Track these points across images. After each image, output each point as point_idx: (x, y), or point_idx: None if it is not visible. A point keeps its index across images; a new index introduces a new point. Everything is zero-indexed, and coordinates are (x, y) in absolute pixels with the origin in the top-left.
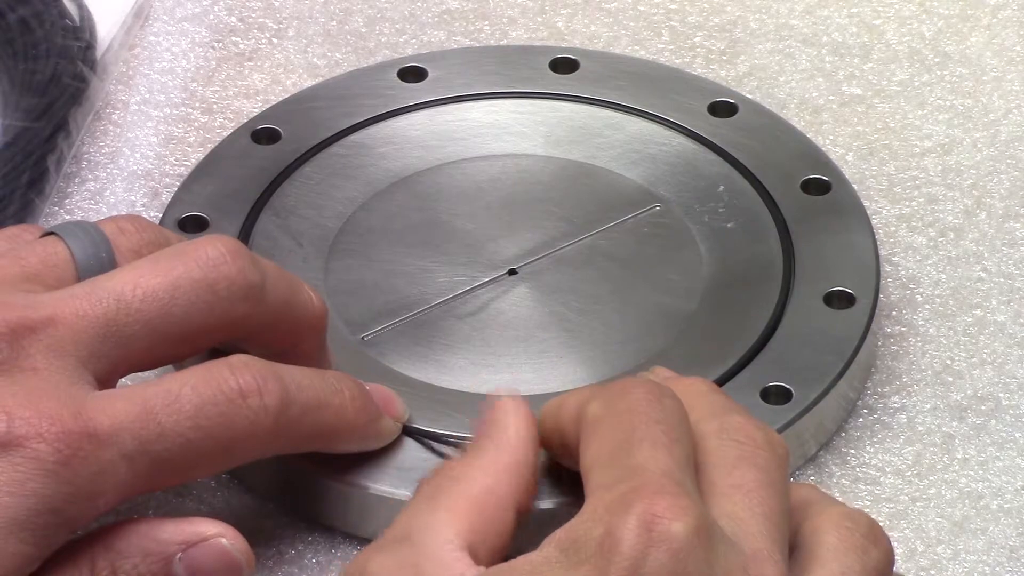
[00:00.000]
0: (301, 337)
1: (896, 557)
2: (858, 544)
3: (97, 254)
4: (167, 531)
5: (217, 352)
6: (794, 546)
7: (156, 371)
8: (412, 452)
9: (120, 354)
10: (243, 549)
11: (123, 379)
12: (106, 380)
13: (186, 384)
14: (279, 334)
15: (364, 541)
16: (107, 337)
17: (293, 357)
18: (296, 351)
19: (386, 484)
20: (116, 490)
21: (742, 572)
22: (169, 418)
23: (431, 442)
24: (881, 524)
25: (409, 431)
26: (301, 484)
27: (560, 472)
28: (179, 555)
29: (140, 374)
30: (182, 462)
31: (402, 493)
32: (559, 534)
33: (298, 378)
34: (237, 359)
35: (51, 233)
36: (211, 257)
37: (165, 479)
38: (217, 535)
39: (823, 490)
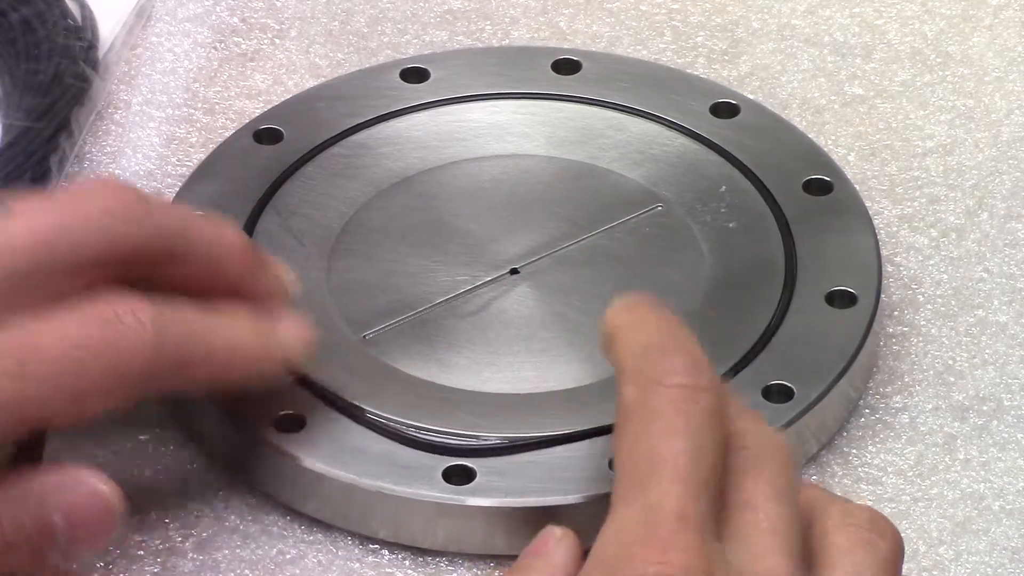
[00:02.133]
0: (215, 269)
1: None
2: (865, 539)
3: None
4: (40, 478)
5: None
6: (805, 551)
7: None
8: (413, 452)
9: (10, 290)
10: (116, 492)
11: None
12: (4, 318)
13: (63, 309)
14: (187, 265)
15: (365, 540)
16: None
17: (223, 291)
18: (220, 283)
19: (387, 483)
20: (3, 409)
21: None
22: (50, 338)
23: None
24: None
25: (365, 414)
26: (301, 483)
27: None
28: (55, 500)
29: None
30: (70, 384)
31: (402, 491)
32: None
33: (174, 302)
34: (109, 290)
35: None
36: (86, 190)
37: (56, 404)
38: (89, 477)
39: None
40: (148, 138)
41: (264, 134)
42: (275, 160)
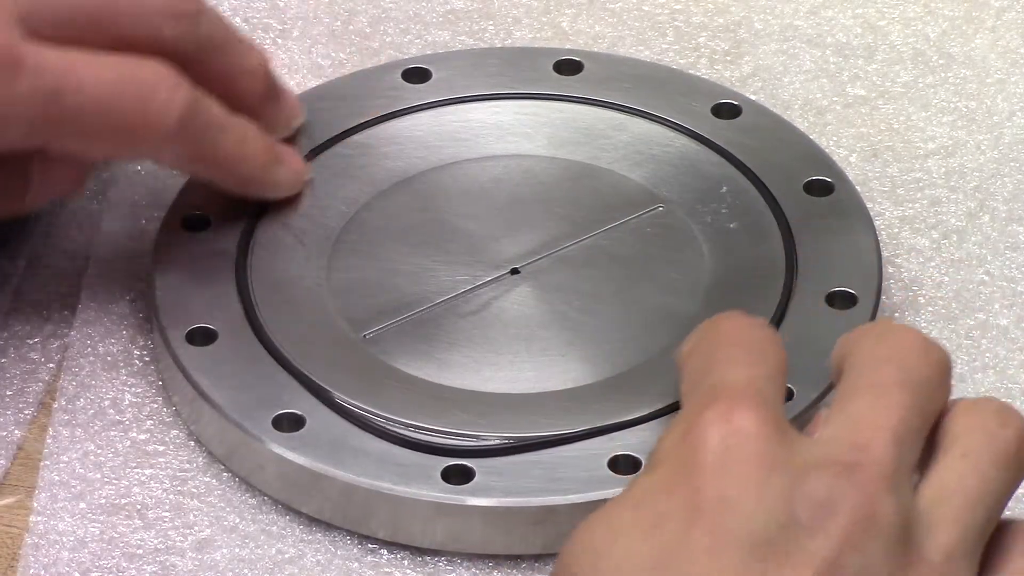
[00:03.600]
0: (235, 85)
1: None
2: (985, 426)
3: None
4: None
5: None
6: (935, 441)
7: None
8: (412, 451)
9: (53, 21)
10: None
11: None
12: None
13: (111, 58)
14: (212, 73)
15: (364, 540)
16: (43, 8)
17: (235, 106)
18: (234, 98)
19: (386, 482)
20: (21, 127)
21: (827, 463)
22: (90, 76)
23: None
24: None
25: (338, 407)
26: (300, 483)
27: None
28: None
29: None
30: (89, 125)
31: (401, 491)
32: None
33: (209, 100)
34: (157, 60)
35: None
36: None
37: (71, 137)
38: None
39: None
40: None
41: None
42: None
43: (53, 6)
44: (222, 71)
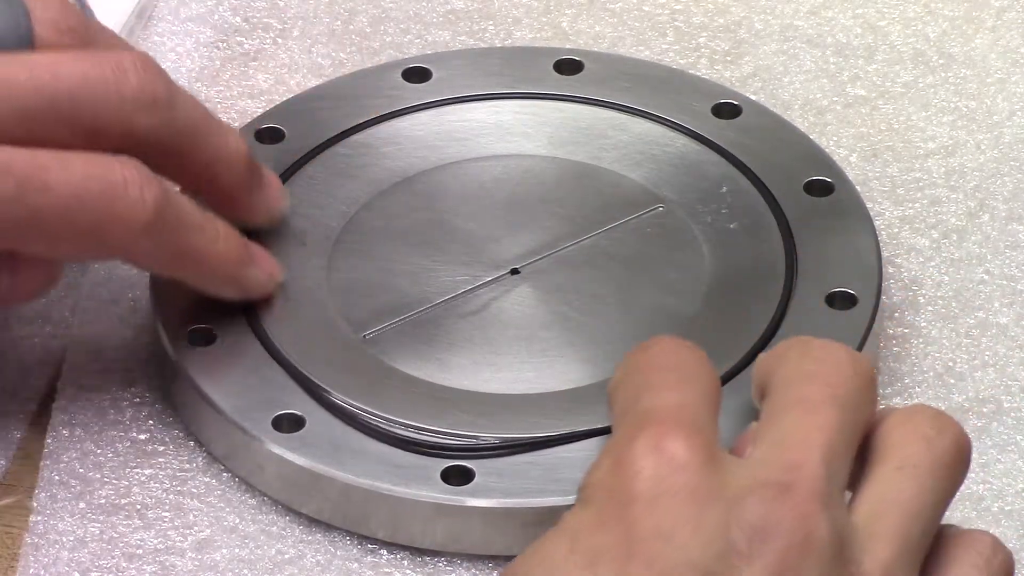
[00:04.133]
0: (216, 173)
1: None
2: (922, 434)
3: (15, 20)
4: None
5: None
6: (866, 453)
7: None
8: (411, 452)
9: (23, 124)
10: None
11: None
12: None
13: (78, 157)
14: (191, 163)
15: (364, 540)
16: (10, 102)
17: (216, 196)
18: (215, 187)
19: (386, 483)
20: None
21: (760, 486)
22: (55, 176)
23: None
24: None
25: (330, 405)
26: (300, 483)
27: None
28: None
29: None
30: (55, 227)
31: (401, 491)
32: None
33: (181, 197)
34: (127, 158)
35: None
36: (123, 64)
37: (35, 240)
38: None
39: None
40: None
41: (266, 133)
42: (276, 159)
43: (19, 100)
44: (200, 159)
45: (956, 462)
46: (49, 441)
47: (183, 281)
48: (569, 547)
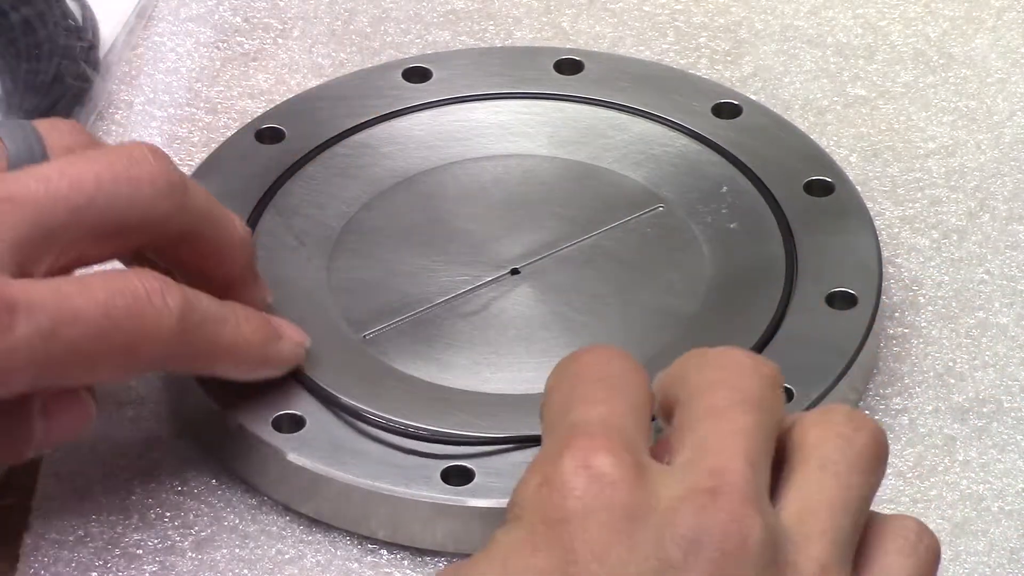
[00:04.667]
0: (224, 257)
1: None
2: (840, 432)
3: (29, 147)
4: None
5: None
6: (784, 456)
7: None
8: (412, 452)
9: (45, 241)
10: (92, 395)
11: None
12: (29, 270)
13: (96, 278)
14: (202, 249)
15: (364, 540)
16: (33, 222)
17: (220, 282)
18: (221, 273)
19: (385, 482)
20: (27, 370)
21: (690, 493)
22: (82, 302)
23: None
24: None
25: (330, 400)
26: (300, 483)
27: None
28: (39, 401)
29: None
30: (92, 351)
31: (401, 491)
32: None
33: (199, 294)
34: (140, 269)
35: None
36: (134, 155)
37: (75, 369)
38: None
39: None
40: (150, 137)
41: (266, 133)
42: (277, 159)
43: (42, 217)
44: (210, 243)
45: (875, 457)
46: None
47: (216, 375)
48: (501, 570)
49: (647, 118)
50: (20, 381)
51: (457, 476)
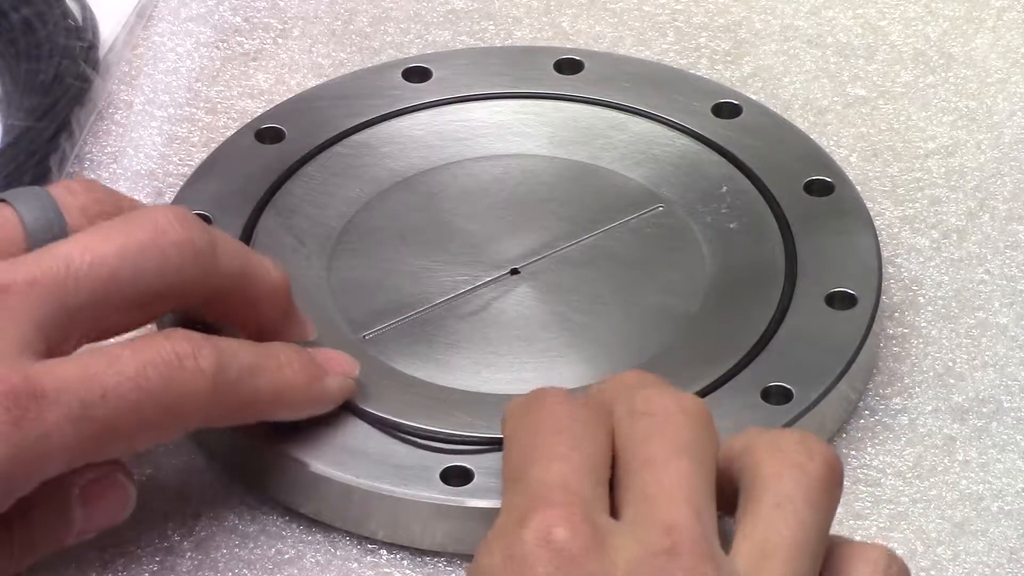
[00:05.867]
0: (260, 306)
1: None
2: (793, 462)
3: (46, 216)
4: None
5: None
6: (738, 489)
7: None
8: (412, 452)
9: (71, 321)
10: (130, 478)
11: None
12: (57, 349)
13: (125, 349)
14: (236, 302)
15: (363, 540)
16: (58, 304)
17: (257, 329)
18: (258, 321)
19: (386, 483)
20: (62, 454)
21: (648, 556)
22: (111, 379)
23: (393, 431)
24: (881, 526)
25: (364, 414)
26: (300, 483)
27: None
28: (77, 489)
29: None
30: (127, 426)
31: (401, 492)
32: (469, 568)
33: (233, 346)
34: (170, 330)
35: (0, 200)
36: (159, 223)
37: (112, 444)
38: (111, 469)
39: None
40: (149, 137)
41: (266, 133)
42: (277, 159)
43: (66, 299)
44: (245, 297)
45: (831, 485)
46: None
47: (265, 420)
48: None
49: (647, 118)
50: (55, 467)
51: (457, 476)
